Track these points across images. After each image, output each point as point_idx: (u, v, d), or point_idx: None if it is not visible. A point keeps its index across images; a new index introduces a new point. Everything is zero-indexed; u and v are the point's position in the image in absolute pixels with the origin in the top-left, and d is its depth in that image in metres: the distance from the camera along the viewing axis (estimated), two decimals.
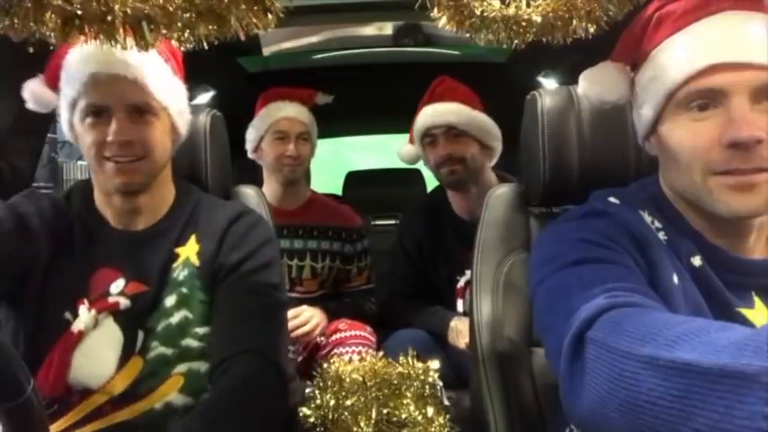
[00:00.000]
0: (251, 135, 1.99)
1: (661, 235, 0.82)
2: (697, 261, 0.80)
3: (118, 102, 1.02)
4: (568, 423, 0.91)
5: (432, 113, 1.87)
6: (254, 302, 1.08)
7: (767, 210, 0.76)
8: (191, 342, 1.06)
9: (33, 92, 1.07)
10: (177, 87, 1.12)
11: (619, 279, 0.71)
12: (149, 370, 1.04)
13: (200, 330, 1.07)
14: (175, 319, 1.06)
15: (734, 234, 0.81)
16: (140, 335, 1.05)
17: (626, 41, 0.88)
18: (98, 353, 1.03)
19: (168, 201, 1.15)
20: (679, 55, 0.78)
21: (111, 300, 1.05)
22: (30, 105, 1.08)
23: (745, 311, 0.79)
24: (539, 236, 0.91)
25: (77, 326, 1.03)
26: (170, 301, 1.07)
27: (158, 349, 1.04)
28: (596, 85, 0.90)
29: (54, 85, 1.07)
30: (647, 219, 0.84)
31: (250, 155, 2.02)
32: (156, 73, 1.06)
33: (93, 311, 1.04)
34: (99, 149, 1.03)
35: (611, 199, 0.87)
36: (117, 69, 1.01)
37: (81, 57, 1.01)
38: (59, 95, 1.07)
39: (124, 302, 1.05)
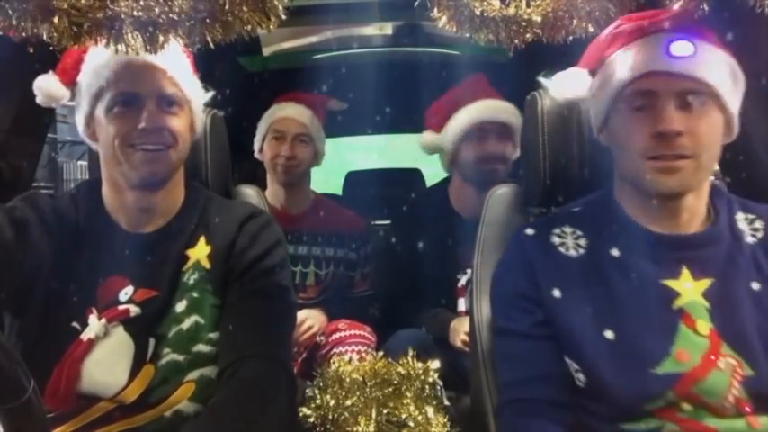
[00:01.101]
0: (257, 136, 1.99)
1: (582, 241, 1.03)
2: (615, 252, 1.00)
3: (151, 91, 1.02)
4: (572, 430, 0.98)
5: (488, 109, 1.85)
6: (264, 305, 1.06)
7: (688, 189, 0.95)
8: (202, 348, 1.04)
9: (44, 86, 1.05)
10: (197, 84, 1.13)
11: (520, 365, 1.00)
12: (161, 377, 1.01)
13: (212, 335, 1.04)
14: (186, 324, 1.04)
15: (667, 213, 0.98)
16: (151, 342, 1.02)
17: (590, 52, 1.05)
18: (109, 363, 1.00)
19: (179, 201, 1.13)
20: (626, 63, 0.97)
21: (121, 307, 1.03)
22: (39, 100, 1.06)
23: (670, 282, 0.96)
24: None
25: (87, 334, 1.01)
26: (180, 306, 1.04)
27: (170, 356, 1.02)
28: (563, 86, 1.08)
29: (69, 80, 1.06)
30: (567, 231, 1.04)
31: (256, 155, 2.01)
32: (183, 66, 1.08)
33: (104, 320, 1.01)
34: (125, 138, 1.01)
35: (528, 231, 1.07)
36: (150, 58, 1.00)
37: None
38: (75, 90, 1.06)
39: (135, 310, 1.03)
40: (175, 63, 1.06)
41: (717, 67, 0.93)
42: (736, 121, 0.97)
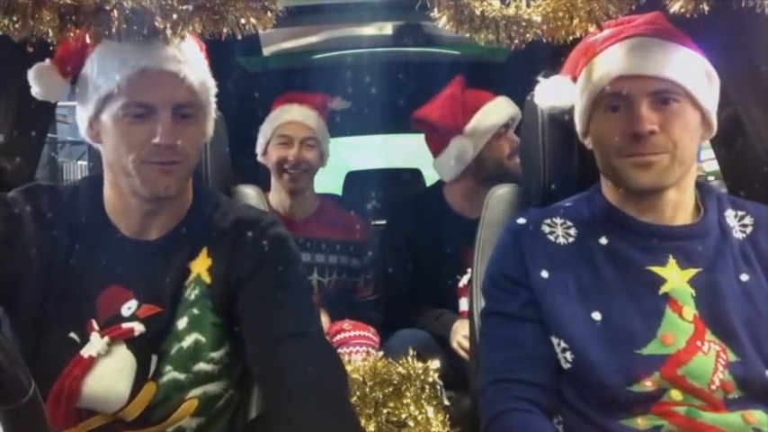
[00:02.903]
0: (260, 139, 1.96)
1: (572, 231, 1.06)
2: (603, 240, 1.04)
3: (165, 101, 0.94)
4: (557, 414, 1.01)
5: (509, 104, 1.90)
6: (285, 292, 1.00)
7: (665, 183, 0.98)
8: (204, 366, 1.00)
9: (41, 77, 0.98)
10: (212, 85, 1.05)
11: (506, 346, 1.02)
12: (162, 395, 0.98)
13: (214, 354, 1.01)
14: (186, 342, 0.99)
15: (650, 207, 1.02)
16: (154, 359, 0.98)
17: (571, 59, 1.10)
18: (111, 380, 0.96)
19: (185, 207, 1.06)
20: (602, 68, 1.00)
21: (125, 326, 0.98)
22: (35, 92, 0.99)
23: (657, 269, 0.99)
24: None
25: (88, 351, 0.96)
26: (182, 323, 1.00)
27: (171, 374, 0.98)
28: (548, 94, 1.14)
29: (68, 71, 0.99)
30: (557, 222, 1.07)
31: (259, 158, 1.98)
32: (200, 69, 1.01)
33: (107, 338, 0.96)
34: (138, 154, 0.94)
35: (520, 220, 1.10)
36: (167, 65, 0.94)
37: (126, 48, 0.91)
38: (77, 85, 1.00)
39: (139, 328, 0.98)
40: (193, 67, 0.97)
41: (687, 67, 0.97)
42: (713, 118, 1.01)
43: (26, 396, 0.62)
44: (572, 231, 1.06)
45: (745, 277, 0.98)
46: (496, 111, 1.89)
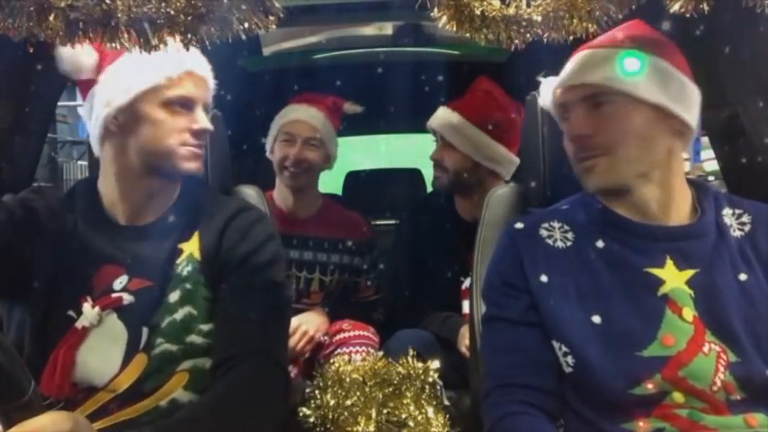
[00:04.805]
0: (268, 136, 1.98)
1: (569, 235, 1.07)
2: (600, 243, 1.04)
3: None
4: (559, 418, 1.00)
5: (434, 118, 1.91)
6: (259, 301, 1.07)
7: (613, 183, 1.00)
8: (195, 339, 1.06)
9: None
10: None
11: (508, 351, 1.02)
12: (154, 367, 1.03)
13: (205, 327, 1.07)
14: (180, 315, 1.06)
15: (634, 207, 1.03)
16: (145, 331, 1.04)
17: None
18: (103, 350, 1.03)
19: (173, 195, 1.15)
20: (555, 81, 1.08)
21: (114, 295, 1.05)
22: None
23: (655, 270, 0.99)
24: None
25: (81, 323, 1.03)
26: (174, 297, 1.07)
27: (163, 346, 1.04)
28: (545, 94, 1.16)
29: None
30: (555, 226, 1.08)
31: (267, 155, 2.00)
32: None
33: (97, 308, 1.04)
34: None
35: (517, 225, 1.10)
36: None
37: None
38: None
39: (128, 298, 1.05)
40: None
41: (625, 69, 0.99)
42: (680, 111, 0.99)
43: (26, 396, 0.63)
44: (569, 235, 1.07)
45: (743, 276, 0.98)
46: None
